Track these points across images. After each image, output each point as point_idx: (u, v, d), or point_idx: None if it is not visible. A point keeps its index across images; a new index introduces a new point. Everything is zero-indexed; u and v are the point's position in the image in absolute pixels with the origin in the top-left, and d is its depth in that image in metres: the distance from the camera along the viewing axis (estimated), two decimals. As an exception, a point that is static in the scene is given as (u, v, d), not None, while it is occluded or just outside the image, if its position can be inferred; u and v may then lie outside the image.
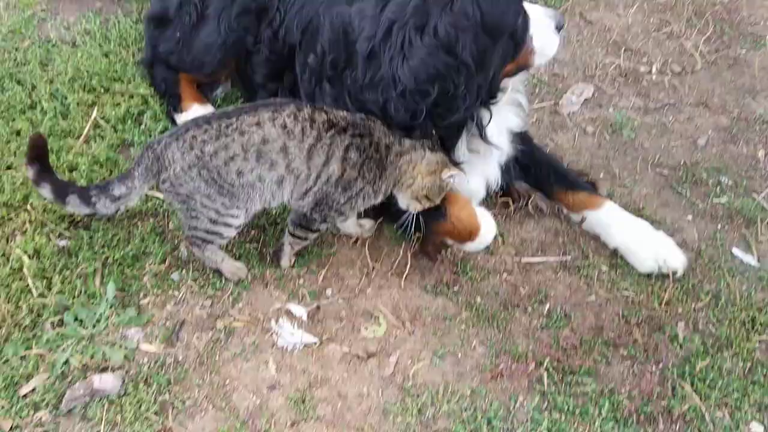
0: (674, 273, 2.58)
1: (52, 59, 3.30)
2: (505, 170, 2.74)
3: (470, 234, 2.57)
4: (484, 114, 2.44)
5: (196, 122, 2.29)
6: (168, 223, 2.74)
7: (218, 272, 2.55)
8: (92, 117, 3.02)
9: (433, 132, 2.38)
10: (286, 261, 2.58)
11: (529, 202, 2.82)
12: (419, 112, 2.25)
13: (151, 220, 2.74)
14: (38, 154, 2.34)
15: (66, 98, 3.07)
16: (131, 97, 3.12)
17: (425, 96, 2.22)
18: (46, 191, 2.36)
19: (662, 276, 2.60)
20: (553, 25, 2.47)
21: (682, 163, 3.05)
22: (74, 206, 2.37)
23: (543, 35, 2.46)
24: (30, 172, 2.35)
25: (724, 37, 3.65)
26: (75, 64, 3.22)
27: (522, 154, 2.78)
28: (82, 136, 2.96)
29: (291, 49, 2.73)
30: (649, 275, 2.61)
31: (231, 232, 2.43)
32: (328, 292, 2.55)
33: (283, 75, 2.79)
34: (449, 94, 2.24)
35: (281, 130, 2.23)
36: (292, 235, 2.50)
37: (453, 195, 2.51)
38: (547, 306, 2.52)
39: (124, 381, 2.23)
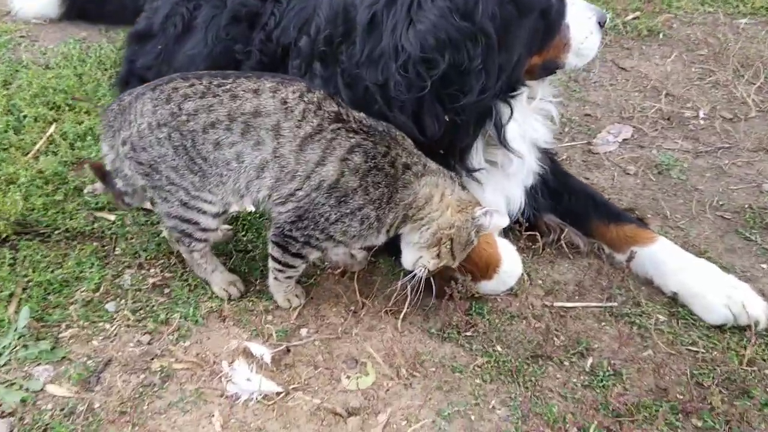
0: (756, 324, 1.97)
1: (19, 78, 2.95)
2: (532, 195, 2.23)
3: (488, 268, 2.02)
4: (504, 110, 1.96)
5: (185, 75, 1.86)
6: (114, 247, 2.23)
7: (207, 284, 2.07)
8: (48, 132, 2.61)
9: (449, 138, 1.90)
10: (279, 297, 2.03)
11: (562, 237, 2.27)
12: (424, 88, 1.77)
13: (95, 243, 2.23)
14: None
15: (22, 113, 2.69)
16: (97, 115, 2.72)
17: (432, 67, 1.75)
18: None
19: (738, 328, 1.99)
20: (595, 20, 2.06)
21: (747, 207, 2.51)
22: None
23: (582, 27, 2.03)
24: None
25: (777, 88, 3.23)
26: (42, 83, 2.88)
27: (552, 178, 2.28)
28: (33, 151, 2.53)
29: (285, 50, 2.33)
30: (720, 327, 2.00)
31: (210, 222, 1.92)
32: (303, 332, 1.97)
33: None
34: (462, 68, 1.77)
35: (280, 104, 1.77)
36: (272, 258, 1.96)
37: None
38: (590, 360, 1.91)
39: None
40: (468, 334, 1.97)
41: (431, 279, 1.98)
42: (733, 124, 3.00)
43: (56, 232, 2.23)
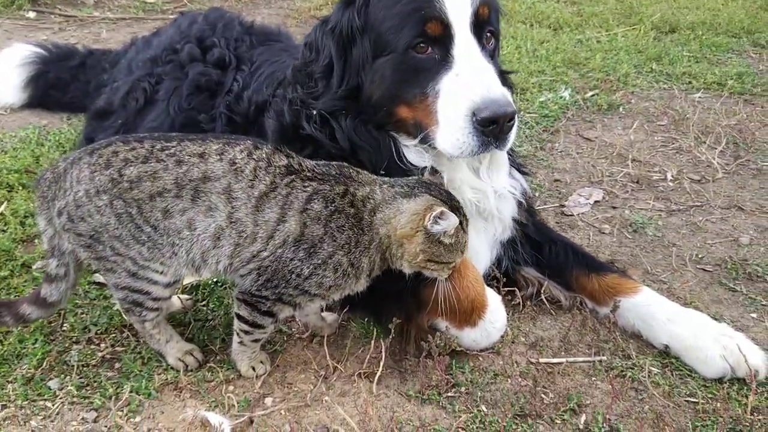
0: (756, 374, 1.84)
1: (-28, 161, 2.85)
2: (511, 247, 2.13)
3: (473, 310, 1.89)
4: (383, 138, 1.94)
5: (125, 138, 1.75)
6: (62, 323, 2.05)
7: (161, 356, 1.88)
8: (-1, 210, 2.48)
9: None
10: (242, 365, 1.85)
11: (541, 291, 2.15)
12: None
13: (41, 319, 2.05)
14: None
15: (-29, 192, 2.56)
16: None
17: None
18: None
19: (736, 380, 1.86)
20: (469, 110, 1.74)
21: (727, 258, 2.44)
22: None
23: (453, 111, 1.76)
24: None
25: (739, 151, 3.27)
26: (-5, 165, 2.77)
27: (533, 230, 2.19)
28: (-20, 229, 2.39)
29: (259, 108, 2.32)
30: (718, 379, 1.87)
31: (162, 291, 1.76)
32: (268, 401, 1.78)
33: None
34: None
35: (228, 166, 1.65)
36: (238, 317, 1.78)
37: None
38: (584, 417, 1.75)
39: None
40: (450, 394, 1.80)
41: (408, 335, 1.84)
42: (702, 185, 3.00)
43: None
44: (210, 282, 2.21)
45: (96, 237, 1.69)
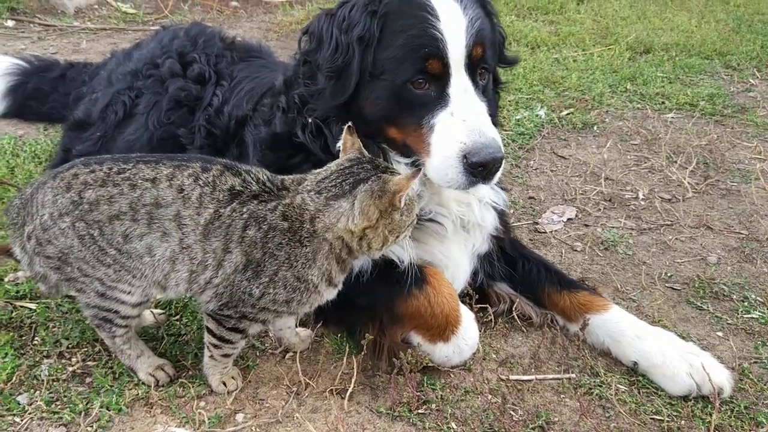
0: (720, 392, 1.88)
1: (-56, 171, 2.83)
2: (487, 261, 2.17)
3: (447, 325, 1.92)
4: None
5: (86, 161, 1.75)
6: (33, 336, 2.04)
7: (132, 371, 1.88)
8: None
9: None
10: (213, 380, 1.85)
11: (513, 308, 2.19)
12: None
13: (11, 332, 2.04)
14: None
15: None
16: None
17: None
18: None
19: (702, 397, 1.90)
20: (461, 150, 1.79)
21: (695, 277, 2.49)
22: None
23: (446, 146, 1.82)
24: None
25: (709, 171, 3.34)
26: (-31, 175, 2.75)
27: (508, 245, 2.23)
28: (-50, 240, 2.36)
29: (239, 121, 2.36)
30: (684, 397, 1.91)
31: (130, 311, 1.77)
32: (239, 417, 1.78)
33: (224, 152, 2.38)
34: None
35: (177, 193, 1.66)
36: (208, 331, 1.78)
37: (429, 268, 1.93)
38: (552, 434, 1.77)
39: None
40: (420, 411, 1.81)
41: (381, 349, 1.86)
42: (672, 204, 3.06)
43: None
44: (182, 297, 2.21)
45: (63, 259, 1.70)
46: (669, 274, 2.52)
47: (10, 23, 5.13)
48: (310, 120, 2.00)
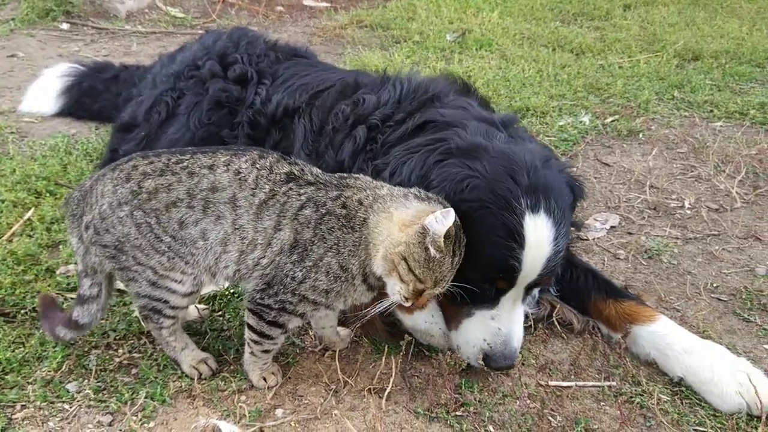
0: (769, 411, 1.83)
1: (2, 167, 2.93)
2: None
3: None
4: None
5: (145, 153, 1.83)
6: (83, 327, 2.10)
7: (176, 363, 1.93)
8: (26, 216, 2.56)
9: None
10: (254, 376, 1.89)
11: (554, 314, 2.17)
12: None
13: (62, 322, 2.10)
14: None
15: (1, 197, 2.65)
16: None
17: None
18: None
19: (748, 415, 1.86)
20: (481, 350, 1.86)
21: (742, 289, 2.44)
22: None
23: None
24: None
25: (759, 181, 3.26)
26: (25, 171, 2.87)
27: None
28: (8, 234, 2.46)
29: (287, 111, 2.49)
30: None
31: (180, 301, 1.82)
32: (279, 412, 1.81)
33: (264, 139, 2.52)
34: None
35: (234, 176, 1.73)
36: (248, 327, 1.83)
37: None
38: (591, 441, 1.75)
39: None
40: (458, 413, 1.82)
41: (422, 352, 1.87)
42: (720, 214, 2.99)
43: (23, 311, 2.12)
44: (227, 293, 2.26)
45: (119, 247, 1.76)
46: (715, 285, 2.47)
47: (64, 26, 5.32)
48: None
